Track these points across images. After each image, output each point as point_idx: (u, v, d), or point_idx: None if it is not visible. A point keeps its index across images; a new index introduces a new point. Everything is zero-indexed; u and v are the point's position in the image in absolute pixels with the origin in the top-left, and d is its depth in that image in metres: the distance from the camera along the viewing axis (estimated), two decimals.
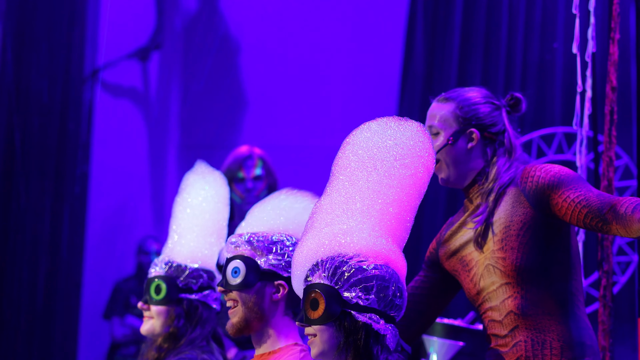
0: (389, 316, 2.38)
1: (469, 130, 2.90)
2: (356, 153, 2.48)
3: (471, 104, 2.92)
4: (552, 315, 2.77)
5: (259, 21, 7.96)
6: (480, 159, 2.91)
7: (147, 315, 3.24)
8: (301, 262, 2.48)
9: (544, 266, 2.79)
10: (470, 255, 2.90)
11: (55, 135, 6.91)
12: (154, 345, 3.22)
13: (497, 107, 2.94)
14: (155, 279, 3.23)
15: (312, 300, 2.39)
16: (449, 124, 2.91)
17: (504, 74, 6.38)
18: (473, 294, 2.91)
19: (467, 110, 2.91)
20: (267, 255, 2.75)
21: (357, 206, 2.44)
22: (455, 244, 2.95)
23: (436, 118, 2.93)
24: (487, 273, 2.85)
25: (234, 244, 2.79)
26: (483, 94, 2.96)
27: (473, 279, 2.89)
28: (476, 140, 2.90)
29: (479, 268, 2.87)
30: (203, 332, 3.21)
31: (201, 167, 3.38)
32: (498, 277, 2.82)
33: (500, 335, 2.83)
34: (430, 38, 6.70)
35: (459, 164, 2.91)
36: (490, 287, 2.85)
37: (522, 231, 2.79)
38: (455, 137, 2.90)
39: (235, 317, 2.76)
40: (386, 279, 2.38)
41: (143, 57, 8.03)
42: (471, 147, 2.90)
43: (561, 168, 2.79)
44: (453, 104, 2.92)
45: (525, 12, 6.39)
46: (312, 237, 2.47)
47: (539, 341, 2.77)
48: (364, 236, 2.42)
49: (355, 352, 2.37)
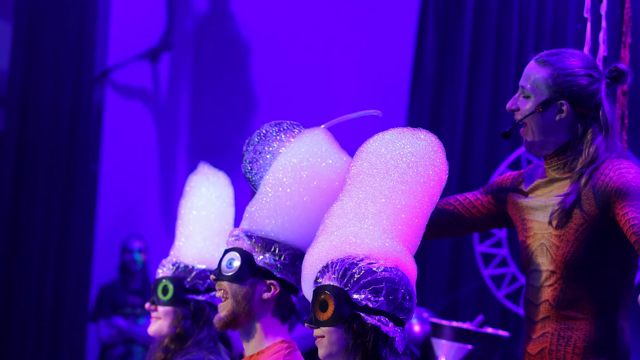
0: (398, 319, 2.37)
1: (560, 102, 2.76)
2: (370, 161, 2.49)
3: (568, 74, 2.76)
4: (586, 314, 2.72)
5: (269, 23, 7.96)
6: (567, 132, 2.77)
7: (155, 316, 3.24)
8: (312, 265, 2.48)
9: (593, 267, 2.73)
10: (532, 222, 2.82)
11: (65, 135, 6.92)
12: (161, 346, 3.22)
13: (596, 79, 2.78)
14: (163, 279, 3.23)
15: (322, 301, 2.39)
16: (540, 90, 2.77)
17: (515, 77, 6.36)
18: (524, 260, 2.85)
19: (562, 81, 2.76)
20: (265, 253, 2.75)
21: (368, 210, 2.45)
22: (524, 202, 2.86)
23: (530, 80, 2.79)
24: (539, 251, 2.78)
25: (235, 236, 2.79)
26: (584, 63, 2.79)
27: (527, 248, 2.83)
28: (566, 113, 2.76)
29: (535, 241, 2.80)
30: (210, 333, 3.22)
31: (205, 169, 3.38)
32: (547, 261, 2.76)
33: (533, 319, 2.79)
34: (441, 41, 6.69)
35: (545, 133, 2.77)
36: (538, 266, 2.79)
37: (582, 227, 2.71)
38: (545, 106, 2.76)
39: (224, 310, 2.76)
40: (396, 282, 2.37)
41: (153, 58, 8.04)
42: (560, 119, 2.76)
43: (636, 177, 2.67)
44: (549, 70, 2.77)
45: (536, 15, 6.37)
46: (323, 240, 2.47)
47: (564, 336, 2.72)
48: (374, 238, 2.42)
49: (364, 354, 2.36)
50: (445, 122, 6.60)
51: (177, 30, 8.15)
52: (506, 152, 6.07)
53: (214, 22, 8.20)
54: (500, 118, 6.38)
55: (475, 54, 6.53)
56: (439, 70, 6.70)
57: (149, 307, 3.25)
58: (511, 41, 6.41)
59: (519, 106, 2.81)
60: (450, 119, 6.59)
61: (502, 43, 6.46)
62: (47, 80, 6.88)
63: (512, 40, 6.41)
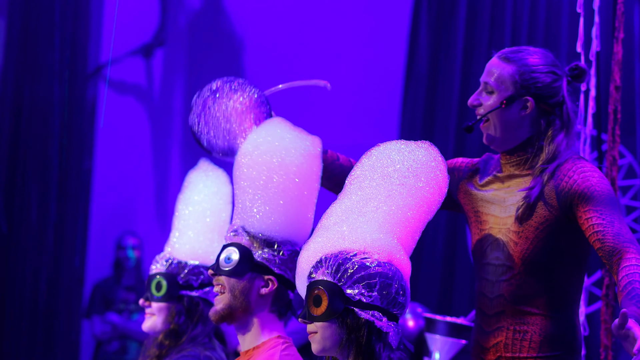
0: (392, 314, 2.38)
1: (525, 98, 2.77)
2: (371, 166, 2.51)
3: (532, 71, 2.78)
4: (541, 310, 2.74)
5: (262, 19, 7.96)
6: (529, 128, 2.79)
7: (149, 312, 3.24)
8: (306, 261, 2.48)
9: (550, 264, 2.75)
10: (487, 215, 2.83)
11: (58, 131, 6.91)
12: (155, 342, 3.22)
13: (558, 77, 2.80)
14: (156, 275, 3.23)
15: (315, 297, 2.39)
16: (505, 86, 2.78)
17: None
18: (476, 250, 2.86)
19: (527, 78, 2.78)
20: (263, 249, 2.76)
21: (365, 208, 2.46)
22: (479, 194, 2.87)
23: (493, 76, 2.81)
24: (495, 245, 2.79)
25: (234, 231, 2.80)
26: (547, 61, 2.81)
27: (481, 241, 2.84)
28: (530, 109, 2.77)
29: (492, 235, 2.81)
30: (205, 329, 3.21)
31: (204, 165, 3.38)
32: (503, 255, 2.77)
33: (487, 313, 2.80)
34: (434, 38, 6.70)
35: (508, 129, 2.79)
36: (493, 260, 2.80)
37: (542, 226, 2.72)
38: (509, 102, 2.78)
39: (220, 304, 2.76)
40: (389, 277, 2.38)
41: (147, 54, 8.03)
42: (523, 115, 2.78)
43: (600, 181, 2.69)
44: (514, 67, 2.79)
45: (530, 11, 6.39)
46: (318, 237, 2.48)
47: (520, 331, 2.74)
48: (368, 233, 2.43)
49: (358, 349, 2.37)
50: (438, 119, 6.61)
51: (170, 26, 8.15)
52: None
53: (207, 18, 8.20)
54: None
55: (468, 52, 6.55)
56: (432, 67, 6.71)
57: (142, 303, 3.25)
58: (504, 38, 6.42)
59: (482, 102, 2.82)
60: (444, 116, 6.60)
61: (495, 40, 6.47)
62: (41, 76, 6.87)
63: (505, 38, 6.42)
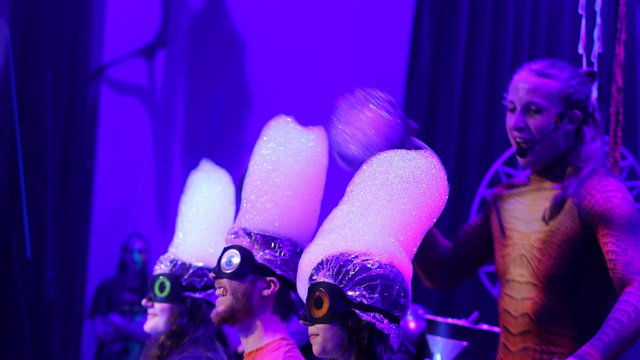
0: (393, 316, 2.38)
1: (573, 112, 2.67)
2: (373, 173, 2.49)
3: (573, 85, 2.68)
4: (568, 330, 2.67)
5: (264, 19, 7.96)
6: (570, 141, 2.70)
7: (151, 312, 3.25)
8: (307, 263, 2.48)
9: (575, 283, 2.67)
10: (512, 231, 2.76)
11: (61, 132, 6.92)
12: (157, 342, 3.22)
13: (589, 84, 2.73)
14: (160, 276, 3.23)
15: (317, 299, 2.39)
16: (555, 103, 2.66)
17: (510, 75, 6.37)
18: (500, 269, 2.80)
19: (573, 92, 2.67)
20: (264, 250, 2.76)
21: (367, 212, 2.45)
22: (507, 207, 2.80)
23: (540, 94, 2.67)
24: (519, 261, 2.73)
25: (234, 234, 2.80)
26: (578, 72, 2.73)
27: (505, 257, 2.77)
28: (577, 123, 2.68)
29: (514, 251, 2.75)
30: (207, 331, 3.22)
31: (206, 166, 3.38)
32: (527, 273, 2.71)
33: (512, 332, 2.76)
34: (436, 38, 6.70)
35: (555, 146, 2.69)
36: (517, 277, 2.74)
37: (565, 244, 2.66)
38: (561, 118, 2.66)
39: (222, 305, 2.75)
40: (391, 278, 2.38)
41: (149, 55, 8.04)
42: (569, 130, 2.68)
43: (622, 202, 2.60)
44: (558, 82, 2.67)
45: (532, 12, 6.39)
46: (320, 239, 2.47)
47: (547, 352, 2.68)
48: (370, 234, 2.43)
49: (359, 351, 2.36)
50: (440, 119, 6.61)
51: (172, 27, 8.15)
52: (502, 149, 6.08)
53: (209, 19, 8.21)
54: (495, 115, 6.39)
55: (470, 51, 6.55)
56: (434, 67, 6.71)
57: (145, 303, 3.25)
58: (506, 39, 6.42)
59: (527, 123, 2.70)
60: (446, 116, 6.60)
61: (497, 40, 6.47)
62: (43, 76, 6.88)
63: (507, 39, 6.42)
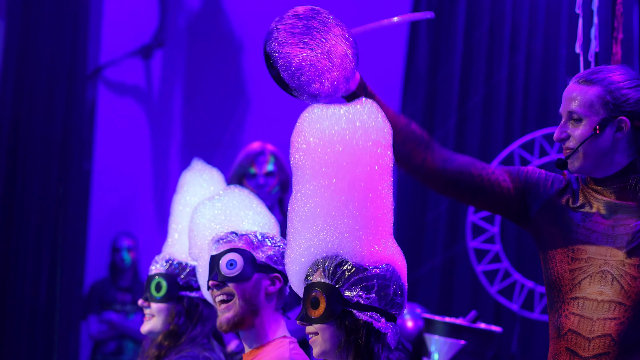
0: (390, 314, 2.38)
1: (619, 118, 2.51)
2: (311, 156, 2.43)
3: (622, 87, 2.52)
4: None
5: (261, 19, 7.94)
6: (628, 151, 2.54)
7: (148, 313, 3.24)
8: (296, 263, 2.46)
9: None
10: (586, 245, 2.54)
11: (58, 132, 6.91)
12: (154, 342, 3.22)
13: None
14: (156, 276, 3.23)
15: (313, 299, 2.39)
16: (595, 110, 2.52)
17: (507, 73, 6.37)
18: (564, 284, 2.57)
19: (618, 95, 2.51)
20: (262, 248, 2.75)
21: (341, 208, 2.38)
22: (575, 219, 2.58)
23: (577, 102, 2.55)
24: (600, 278, 2.52)
25: (223, 239, 2.77)
26: (631, 76, 2.56)
27: (576, 272, 2.55)
28: (626, 130, 2.51)
29: (592, 267, 2.53)
30: (204, 330, 3.21)
31: (198, 165, 3.37)
32: (613, 291, 2.49)
33: (582, 355, 2.52)
34: (434, 35, 6.69)
35: (602, 156, 2.53)
36: (593, 294, 2.52)
37: None
38: (602, 126, 2.51)
39: (231, 311, 2.74)
40: (387, 278, 2.38)
41: (146, 55, 8.03)
42: (619, 137, 2.52)
43: None
44: (599, 87, 2.53)
45: (529, 11, 6.38)
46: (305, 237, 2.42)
47: None
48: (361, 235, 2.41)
49: (357, 350, 2.37)
50: (438, 118, 6.60)
51: (169, 27, 8.15)
52: (499, 148, 6.08)
53: (206, 19, 8.20)
54: (493, 114, 6.38)
55: (468, 51, 6.54)
56: (431, 66, 6.70)
57: (142, 303, 3.25)
58: (504, 38, 6.42)
59: (569, 133, 2.58)
60: (443, 116, 6.59)
61: (494, 38, 6.47)
62: (40, 77, 6.87)
63: (504, 37, 6.42)
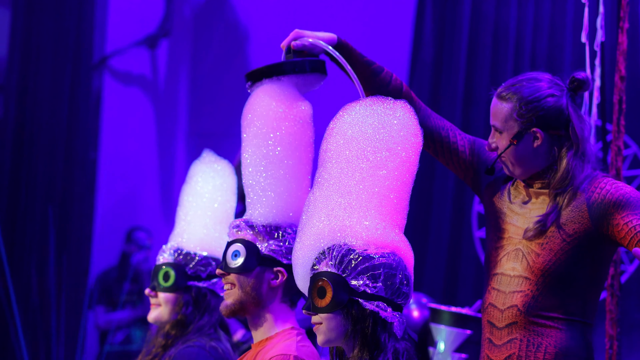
0: (396, 304, 2.38)
1: (532, 130, 2.74)
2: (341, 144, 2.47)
3: (531, 101, 2.73)
4: (556, 322, 2.71)
5: (267, 9, 7.95)
6: (546, 156, 2.76)
7: (154, 302, 3.25)
8: (304, 252, 2.47)
9: (571, 277, 2.71)
10: (509, 225, 2.80)
11: (64, 122, 6.92)
12: (161, 332, 3.23)
13: (559, 96, 2.75)
14: (164, 266, 3.23)
15: (320, 288, 2.39)
16: (510, 125, 2.75)
17: (513, 63, 6.37)
18: (490, 260, 2.83)
19: (525, 112, 2.73)
20: (268, 241, 2.76)
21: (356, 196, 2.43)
22: (506, 200, 2.84)
23: (498, 118, 2.77)
24: (513, 255, 2.76)
25: (236, 227, 2.79)
26: (542, 85, 2.76)
27: (498, 249, 2.80)
28: (541, 140, 2.73)
29: (509, 245, 2.78)
30: (211, 319, 3.22)
31: (209, 156, 3.38)
32: (521, 267, 2.74)
33: (497, 326, 2.77)
34: (439, 26, 6.69)
35: (524, 163, 2.77)
36: (508, 270, 2.76)
37: (570, 238, 2.70)
38: (518, 138, 2.74)
39: (230, 298, 2.76)
40: (393, 267, 2.38)
41: (152, 45, 8.03)
42: (537, 145, 2.74)
43: (632, 191, 2.67)
44: (511, 103, 2.74)
45: (535, 1, 6.38)
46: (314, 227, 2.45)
47: (534, 343, 2.71)
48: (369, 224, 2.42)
49: (363, 339, 2.37)
50: (443, 108, 6.61)
51: (175, 17, 8.15)
52: None
53: (212, 9, 8.20)
54: None
55: (473, 41, 6.54)
56: (437, 56, 6.70)
57: (149, 292, 3.25)
58: (509, 29, 6.42)
59: (497, 144, 2.79)
60: (449, 105, 6.60)
61: (500, 28, 6.46)
62: (46, 67, 6.88)
63: (510, 28, 6.42)
